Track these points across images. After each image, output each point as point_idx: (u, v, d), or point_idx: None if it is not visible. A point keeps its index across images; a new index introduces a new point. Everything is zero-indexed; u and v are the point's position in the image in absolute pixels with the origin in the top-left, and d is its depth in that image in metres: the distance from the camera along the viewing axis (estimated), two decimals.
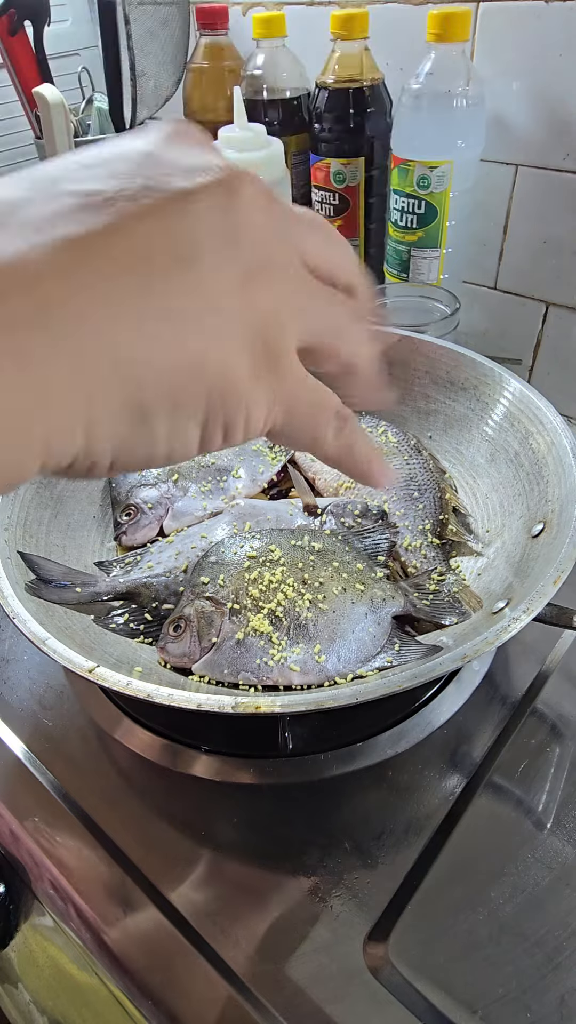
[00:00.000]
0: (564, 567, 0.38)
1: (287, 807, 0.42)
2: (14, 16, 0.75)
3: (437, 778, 0.43)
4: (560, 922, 0.36)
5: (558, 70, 0.61)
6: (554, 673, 0.48)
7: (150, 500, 0.54)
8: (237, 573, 0.45)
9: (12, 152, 0.96)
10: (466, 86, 0.61)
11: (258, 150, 0.65)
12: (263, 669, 0.41)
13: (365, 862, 0.39)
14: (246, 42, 0.74)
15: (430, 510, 0.52)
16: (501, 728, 0.45)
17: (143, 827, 0.42)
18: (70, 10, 0.94)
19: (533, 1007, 0.33)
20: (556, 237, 0.68)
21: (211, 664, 0.42)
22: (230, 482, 0.57)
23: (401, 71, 0.69)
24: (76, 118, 0.79)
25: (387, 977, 0.35)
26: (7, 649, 0.53)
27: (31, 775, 0.45)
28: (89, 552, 0.52)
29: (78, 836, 0.42)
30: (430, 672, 0.36)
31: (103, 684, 0.36)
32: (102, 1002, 0.41)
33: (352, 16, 0.63)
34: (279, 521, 0.52)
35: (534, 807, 0.41)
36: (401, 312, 0.70)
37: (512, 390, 0.53)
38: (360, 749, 0.44)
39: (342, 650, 0.42)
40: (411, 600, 0.45)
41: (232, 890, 0.39)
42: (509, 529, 0.48)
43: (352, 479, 0.26)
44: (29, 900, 0.45)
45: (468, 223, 0.70)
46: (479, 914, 0.37)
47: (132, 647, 0.44)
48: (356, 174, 0.71)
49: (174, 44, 0.77)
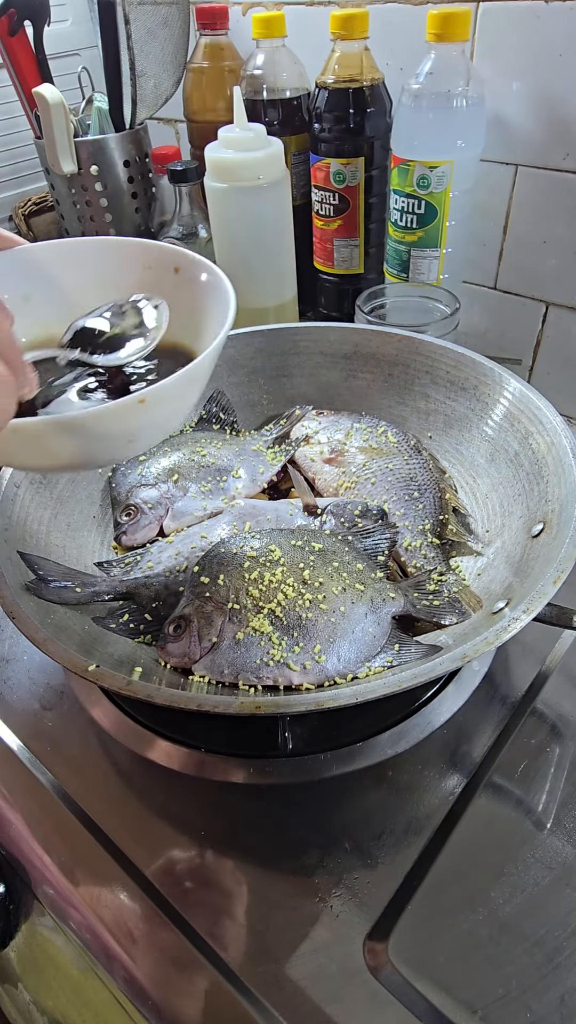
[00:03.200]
0: (564, 567, 0.38)
1: (287, 807, 0.42)
2: (14, 16, 0.75)
3: (437, 778, 0.43)
4: (560, 922, 0.36)
5: (558, 70, 0.61)
6: (554, 673, 0.48)
7: (150, 500, 0.54)
8: (237, 573, 0.45)
9: (12, 152, 0.96)
10: (466, 86, 0.61)
11: (258, 150, 0.65)
12: (263, 669, 0.41)
13: (365, 862, 0.39)
14: (246, 42, 0.75)
15: (430, 510, 0.52)
16: (501, 728, 0.45)
17: (143, 827, 0.42)
18: (70, 10, 0.94)
19: (533, 1007, 0.33)
20: (556, 237, 0.68)
21: (211, 664, 0.42)
22: (230, 482, 0.57)
23: (401, 71, 0.69)
24: (76, 118, 0.79)
25: (387, 977, 0.35)
26: (7, 649, 0.53)
27: (31, 775, 0.45)
28: (89, 552, 0.52)
29: (78, 836, 0.42)
30: (430, 672, 0.36)
31: (103, 684, 0.36)
32: (102, 1002, 0.41)
33: (352, 16, 0.63)
34: (279, 521, 0.52)
35: (534, 807, 0.41)
36: (401, 312, 0.70)
37: (512, 390, 0.53)
38: (360, 749, 0.44)
39: (342, 650, 0.42)
40: (411, 600, 0.45)
41: (232, 890, 0.39)
42: (509, 529, 0.49)
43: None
44: (29, 900, 0.45)
45: (468, 223, 0.70)
46: (479, 914, 0.37)
47: (132, 647, 0.44)
48: (356, 174, 0.71)
49: (174, 44, 0.77)
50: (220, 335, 0.34)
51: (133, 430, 0.33)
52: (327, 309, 0.83)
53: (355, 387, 0.64)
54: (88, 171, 0.79)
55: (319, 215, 0.76)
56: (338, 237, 0.76)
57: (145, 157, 0.83)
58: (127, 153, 0.80)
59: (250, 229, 0.69)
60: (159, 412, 0.32)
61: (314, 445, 0.59)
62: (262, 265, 0.72)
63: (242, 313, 0.75)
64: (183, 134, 0.93)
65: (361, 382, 0.63)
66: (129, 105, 0.78)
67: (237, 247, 0.71)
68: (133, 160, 0.81)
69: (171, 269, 0.39)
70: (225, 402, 0.63)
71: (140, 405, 0.30)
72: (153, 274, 0.39)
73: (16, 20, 0.76)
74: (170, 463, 0.57)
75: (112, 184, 0.81)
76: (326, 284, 0.81)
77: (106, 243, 0.40)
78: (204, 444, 0.59)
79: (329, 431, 0.60)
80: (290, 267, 0.75)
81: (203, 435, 0.60)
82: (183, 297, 0.38)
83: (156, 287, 0.39)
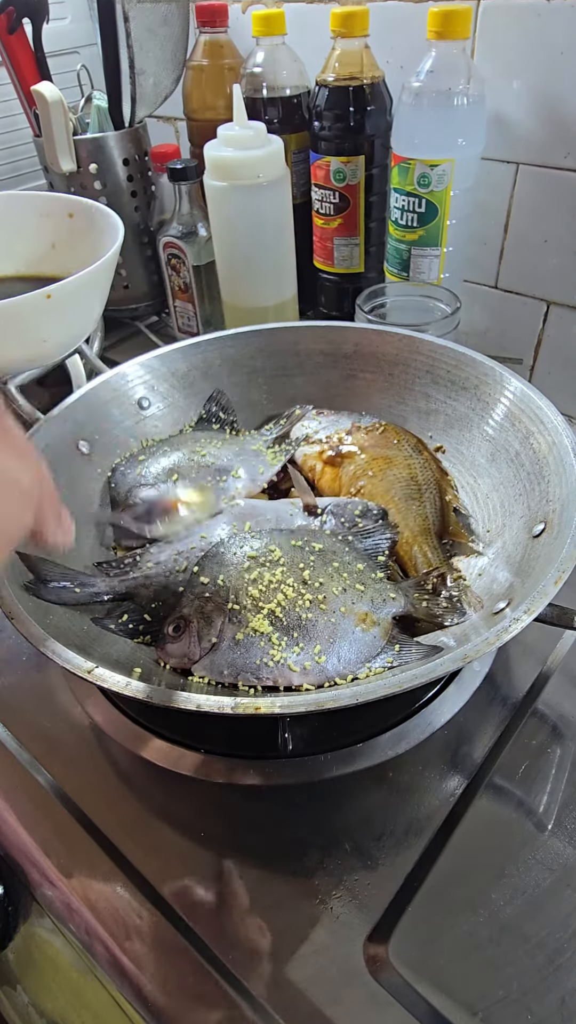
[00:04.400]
0: (565, 567, 0.38)
1: (287, 808, 0.42)
2: (13, 14, 0.75)
3: (438, 779, 0.43)
4: (561, 923, 0.36)
5: (559, 68, 0.61)
6: (555, 674, 0.48)
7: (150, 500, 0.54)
8: (237, 573, 0.44)
9: (12, 150, 0.96)
10: (467, 84, 0.60)
11: (258, 148, 0.65)
12: (263, 669, 0.41)
13: (365, 863, 0.39)
14: (246, 40, 0.74)
15: (430, 510, 0.52)
16: (502, 729, 0.45)
17: (142, 828, 0.42)
18: (69, 8, 0.94)
19: (534, 1009, 0.33)
20: (557, 236, 0.68)
21: (211, 664, 0.42)
22: (230, 482, 0.57)
23: (401, 69, 0.69)
24: (75, 116, 0.78)
25: (387, 979, 0.35)
26: (7, 649, 0.53)
27: (30, 776, 0.45)
28: (89, 552, 0.52)
29: (77, 837, 0.42)
30: (430, 673, 0.35)
31: (102, 684, 0.36)
32: (101, 1004, 0.41)
33: (352, 14, 0.63)
34: (279, 521, 0.51)
35: (535, 808, 0.41)
36: (401, 311, 0.70)
37: (513, 389, 0.53)
38: (360, 750, 0.44)
39: (342, 651, 0.41)
40: (411, 600, 0.45)
41: (231, 891, 0.39)
42: (510, 529, 0.48)
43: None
44: (28, 902, 0.45)
45: (469, 222, 0.69)
46: (480, 915, 0.36)
47: (131, 648, 0.44)
48: (356, 172, 0.71)
49: (173, 42, 0.77)
50: (111, 249, 0.42)
51: (44, 327, 0.39)
52: (327, 308, 0.83)
53: (355, 387, 0.64)
54: (87, 169, 0.78)
55: (319, 214, 0.75)
56: (338, 236, 0.75)
57: (144, 155, 0.83)
58: (126, 151, 0.80)
59: (250, 228, 0.69)
60: (64, 309, 0.39)
61: (314, 445, 0.59)
62: (262, 264, 0.72)
63: (242, 312, 0.75)
64: (183, 132, 0.93)
65: (361, 382, 0.63)
66: (128, 103, 0.78)
67: (237, 246, 0.71)
68: (132, 158, 0.81)
69: (66, 215, 0.48)
70: (225, 402, 0.63)
71: (47, 300, 0.37)
72: (52, 220, 0.48)
73: (15, 18, 0.75)
74: (170, 463, 0.57)
75: (111, 182, 0.81)
76: (326, 283, 0.81)
77: (5, 196, 0.48)
78: (204, 444, 0.59)
79: (329, 431, 0.60)
80: (290, 266, 0.74)
81: (203, 435, 0.60)
82: (80, 238, 0.46)
83: (54, 232, 0.48)
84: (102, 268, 0.40)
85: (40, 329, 0.39)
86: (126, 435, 0.60)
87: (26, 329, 0.38)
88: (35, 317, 0.38)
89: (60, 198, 0.48)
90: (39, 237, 0.47)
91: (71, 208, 0.47)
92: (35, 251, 0.48)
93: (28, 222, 0.47)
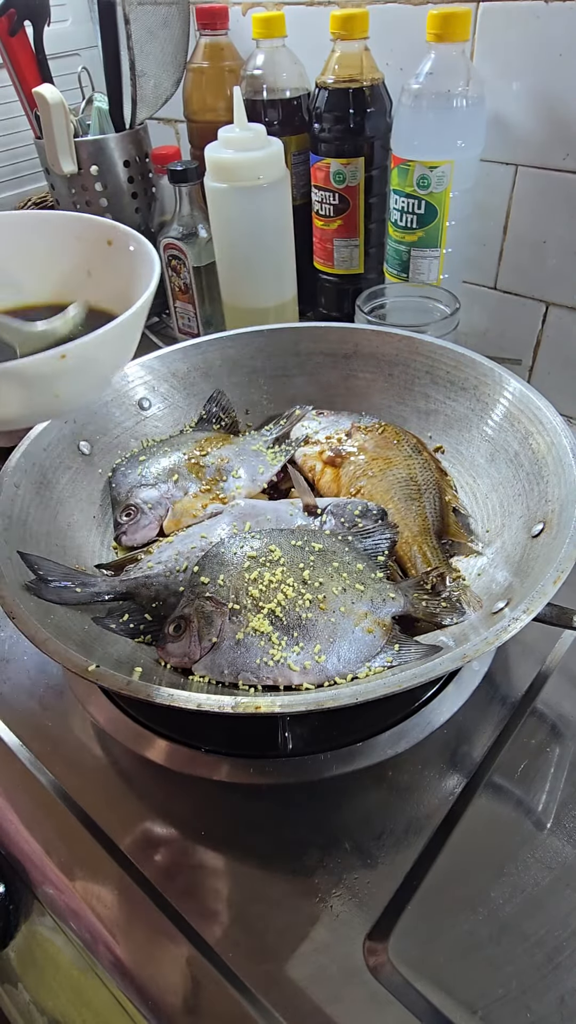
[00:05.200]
0: (564, 567, 0.38)
1: (287, 807, 0.42)
2: (14, 16, 0.75)
3: (437, 778, 0.43)
4: (560, 922, 0.36)
5: (558, 70, 0.61)
6: (554, 673, 0.48)
7: (150, 500, 0.54)
8: (237, 573, 0.45)
9: (12, 152, 0.96)
10: (466, 86, 0.61)
11: (258, 150, 0.65)
12: (263, 669, 0.41)
13: (365, 862, 0.39)
14: (246, 42, 0.75)
15: (430, 510, 0.52)
16: (501, 728, 0.45)
17: (143, 827, 0.42)
18: (70, 10, 0.94)
19: (533, 1007, 0.33)
20: (556, 237, 0.68)
21: (211, 664, 0.42)
22: (230, 482, 0.57)
23: (401, 71, 0.69)
24: (76, 118, 0.79)
25: (387, 977, 0.35)
26: (7, 649, 0.53)
27: (31, 775, 0.45)
28: (89, 552, 0.52)
29: (78, 836, 0.42)
30: (430, 672, 0.36)
31: (103, 684, 0.36)
32: (102, 1002, 0.41)
33: (352, 16, 0.63)
34: (279, 521, 0.52)
35: (534, 807, 0.41)
36: (401, 312, 0.70)
37: (512, 390, 0.53)
38: (360, 749, 0.44)
39: (342, 650, 0.42)
40: (411, 600, 0.45)
41: (232, 890, 0.39)
42: (509, 529, 0.49)
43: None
44: (29, 900, 0.45)
45: (468, 223, 0.70)
46: (479, 914, 0.37)
47: (132, 647, 0.44)
48: (356, 174, 0.71)
49: (174, 44, 0.77)
50: (140, 300, 0.36)
51: (57, 385, 0.34)
52: (327, 309, 0.84)
53: (355, 387, 0.64)
54: (88, 171, 0.79)
55: (319, 215, 0.76)
56: (338, 237, 0.76)
57: (145, 157, 0.83)
58: (127, 153, 0.80)
59: (250, 229, 0.69)
60: (81, 368, 0.34)
61: (314, 445, 0.59)
62: (262, 265, 0.72)
63: (242, 313, 0.75)
64: (183, 134, 0.93)
65: (361, 382, 0.63)
66: (129, 105, 0.78)
67: (237, 247, 0.71)
68: (133, 160, 0.81)
69: (104, 241, 0.41)
70: (225, 402, 0.63)
71: (61, 361, 0.32)
72: (87, 246, 0.42)
73: (16, 20, 0.76)
74: (170, 463, 0.57)
75: (112, 184, 0.81)
76: (326, 284, 0.81)
77: (38, 217, 0.43)
78: (204, 444, 0.59)
79: (329, 431, 0.60)
80: (290, 267, 0.75)
81: (203, 435, 0.60)
82: (115, 267, 0.41)
83: (89, 258, 0.42)
84: (129, 321, 0.35)
85: (53, 387, 0.34)
86: (127, 435, 0.60)
87: (35, 392, 0.34)
88: (47, 377, 0.33)
89: (101, 223, 0.42)
90: (74, 263, 0.43)
91: (110, 235, 0.42)
92: (70, 278, 0.42)
93: (64, 245, 0.42)
